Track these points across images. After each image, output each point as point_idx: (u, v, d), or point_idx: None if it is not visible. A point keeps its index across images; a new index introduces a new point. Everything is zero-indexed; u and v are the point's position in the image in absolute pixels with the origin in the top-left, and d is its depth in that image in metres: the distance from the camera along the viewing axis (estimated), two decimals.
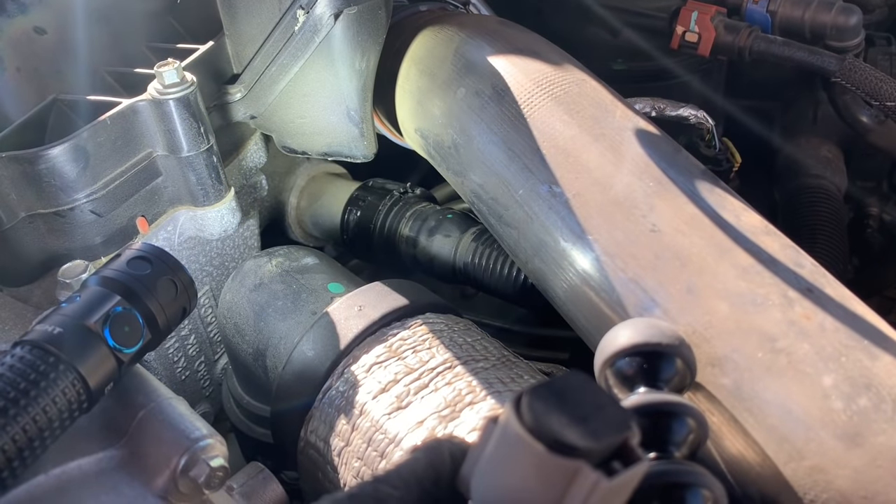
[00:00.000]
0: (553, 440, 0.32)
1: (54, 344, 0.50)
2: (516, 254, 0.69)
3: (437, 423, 0.60)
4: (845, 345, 0.51)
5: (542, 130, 0.67)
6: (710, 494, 0.42)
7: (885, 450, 0.47)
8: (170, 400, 0.56)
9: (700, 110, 1.01)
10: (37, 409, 0.47)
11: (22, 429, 0.47)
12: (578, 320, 0.63)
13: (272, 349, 0.74)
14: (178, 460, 0.52)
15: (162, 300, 0.56)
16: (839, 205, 1.15)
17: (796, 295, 0.53)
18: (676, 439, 0.46)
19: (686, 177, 0.62)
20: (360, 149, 0.87)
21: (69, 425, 0.50)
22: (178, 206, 0.83)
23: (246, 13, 0.83)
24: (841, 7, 1.07)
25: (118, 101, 0.77)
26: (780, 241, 0.58)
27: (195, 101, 0.77)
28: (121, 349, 0.53)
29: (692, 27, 1.07)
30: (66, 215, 0.74)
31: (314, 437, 0.67)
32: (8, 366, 0.49)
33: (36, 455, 0.48)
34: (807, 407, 0.49)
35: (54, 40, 0.88)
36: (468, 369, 0.65)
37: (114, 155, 0.76)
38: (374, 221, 0.97)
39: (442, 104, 0.76)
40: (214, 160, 0.81)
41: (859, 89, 0.97)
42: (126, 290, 0.54)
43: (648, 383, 0.48)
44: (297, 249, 0.84)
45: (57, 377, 0.49)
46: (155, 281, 0.56)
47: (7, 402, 0.47)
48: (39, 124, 0.80)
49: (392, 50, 0.83)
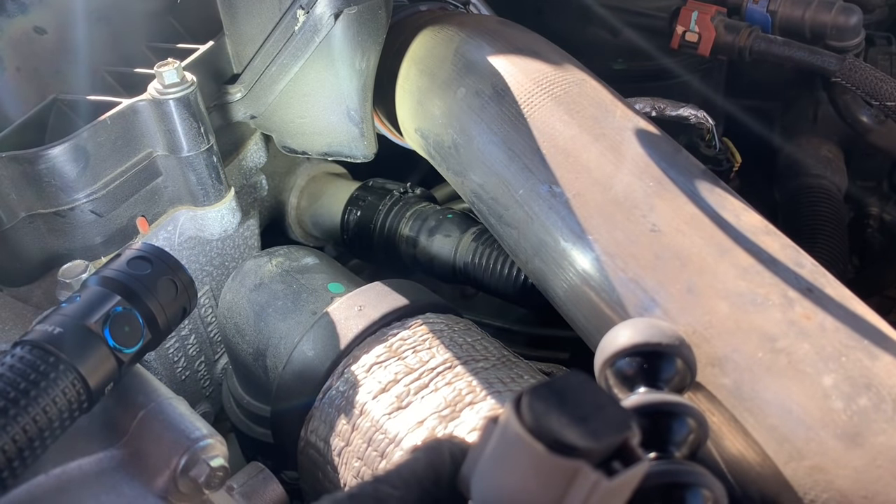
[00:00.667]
0: (553, 440, 0.32)
1: (54, 344, 0.50)
2: (516, 254, 0.69)
3: (437, 423, 0.60)
4: (845, 345, 0.51)
5: (542, 130, 0.67)
6: (710, 494, 0.42)
7: (886, 450, 0.47)
8: (170, 400, 0.56)
9: (700, 110, 1.01)
10: (37, 409, 0.47)
11: (22, 429, 0.47)
12: (578, 320, 0.63)
13: (272, 349, 0.74)
14: (178, 460, 0.52)
15: (162, 300, 0.56)
16: (839, 205, 1.15)
17: (796, 295, 0.53)
18: (676, 439, 0.46)
19: (686, 177, 0.62)
20: (360, 149, 0.87)
21: (69, 425, 0.50)
22: (179, 206, 0.83)
23: (246, 13, 0.83)
24: (841, 7, 1.07)
25: (118, 101, 0.77)
26: (780, 241, 0.58)
27: (195, 101, 0.77)
28: (121, 349, 0.53)
29: (692, 27, 1.07)
30: (66, 215, 0.74)
31: (314, 436, 0.67)
32: (8, 366, 0.49)
33: (36, 455, 0.48)
34: (807, 407, 0.49)
35: (54, 40, 0.88)
36: (468, 369, 0.65)
37: (114, 155, 0.76)
38: (375, 221, 0.97)
39: (442, 104, 0.76)
40: (214, 160, 0.81)
41: (859, 89, 0.97)
42: (126, 290, 0.54)
43: (648, 383, 0.48)
44: (297, 249, 0.84)
45: (57, 377, 0.49)
46: (155, 281, 0.56)
47: (7, 402, 0.47)
48: (39, 124, 0.80)
49: (392, 50, 0.83)
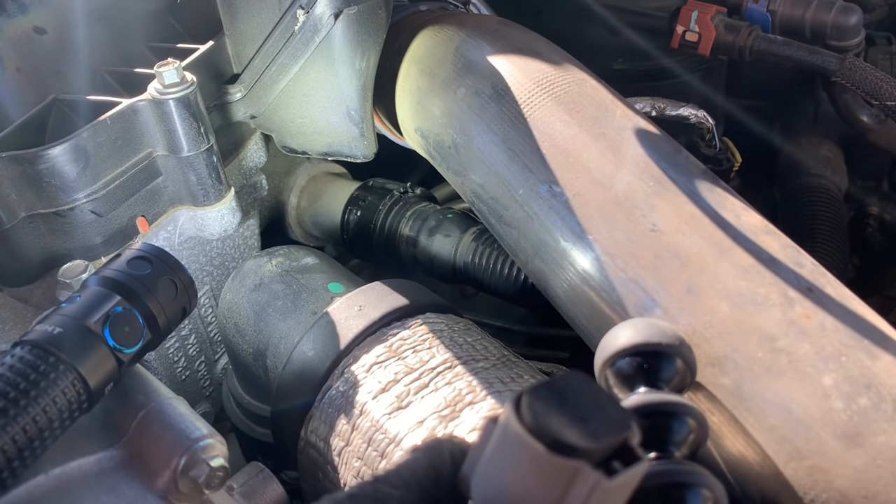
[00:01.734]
0: (553, 440, 0.32)
1: (54, 344, 0.50)
2: (516, 254, 0.69)
3: (437, 423, 0.60)
4: (845, 344, 0.51)
5: (542, 130, 0.67)
6: (710, 494, 0.42)
7: (886, 449, 0.47)
8: (170, 400, 0.56)
9: (700, 110, 1.01)
10: (37, 409, 0.47)
11: (22, 429, 0.47)
12: (578, 320, 0.63)
13: (272, 349, 0.74)
14: (178, 460, 0.52)
15: (162, 300, 0.56)
16: (839, 204, 1.15)
17: (796, 294, 0.53)
18: (676, 439, 0.46)
19: (686, 176, 0.62)
20: (361, 149, 0.86)
21: (69, 425, 0.50)
22: (179, 206, 0.83)
23: (246, 13, 0.83)
24: (841, 6, 1.07)
25: (118, 101, 0.77)
26: (780, 241, 0.58)
27: (195, 101, 0.77)
28: (121, 349, 0.53)
29: (692, 27, 1.07)
30: (66, 215, 0.74)
31: (314, 436, 0.67)
32: (8, 366, 0.49)
33: (36, 455, 0.48)
34: (807, 407, 0.49)
35: (54, 40, 0.88)
36: (468, 369, 0.65)
37: (114, 155, 0.76)
38: (375, 221, 0.97)
39: (442, 104, 0.76)
40: (214, 160, 0.81)
41: (859, 89, 0.97)
42: (126, 290, 0.54)
43: (648, 383, 0.48)
44: (297, 249, 0.84)
45: (57, 377, 0.49)
46: (155, 281, 0.56)
47: (7, 402, 0.47)
48: (39, 124, 0.80)
49: (392, 49, 0.83)
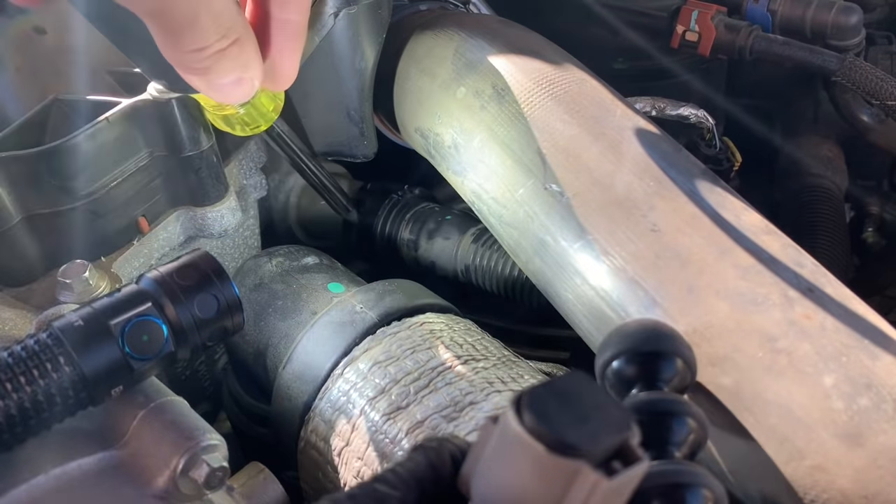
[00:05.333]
0: (553, 440, 0.32)
1: (67, 335, 0.50)
2: (516, 254, 0.69)
3: (437, 423, 0.60)
4: (846, 344, 0.51)
5: (542, 130, 0.67)
6: (710, 494, 0.42)
7: (886, 449, 0.47)
8: (170, 400, 0.56)
9: (700, 109, 1.01)
10: (36, 388, 0.48)
11: (15, 402, 0.47)
12: (578, 320, 0.63)
13: (272, 349, 0.74)
14: (178, 460, 0.52)
15: (198, 316, 0.54)
16: (840, 204, 1.15)
17: (797, 294, 0.53)
18: (677, 439, 0.46)
19: (686, 176, 0.62)
20: (360, 148, 0.86)
21: (66, 414, 0.51)
22: (179, 206, 0.83)
23: None
24: (841, 6, 1.06)
25: (118, 100, 0.77)
26: (780, 241, 0.58)
27: (195, 101, 0.77)
28: (133, 356, 0.52)
29: (692, 26, 1.07)
30: (66, 215, 0.74)
31: (314, 436, 0.67)
32: (22, 346, 0.50)
33: (16, 433, 0.49)
34: (807, 407, 0.49)
35: (54, 40, 0.88)
36: (468, 369, 0.65)
37: (114, 155, 0.76)
38: (375, 223, 0.97)
39: (442, 104, 0.76)
40: (215, 160, 0.81)
41: (860, 88, 0.96)
42: (160, 298, 0.53)
43: (648, 384, 0.48)
44: (297, 249, 0.84)
45: (58, 367, 0.49)
46: (195, 294, 0.54)
47: (9, 377, 0.48)
48: (39, 124, 0.80)
49: (392, 49, 0.83)
